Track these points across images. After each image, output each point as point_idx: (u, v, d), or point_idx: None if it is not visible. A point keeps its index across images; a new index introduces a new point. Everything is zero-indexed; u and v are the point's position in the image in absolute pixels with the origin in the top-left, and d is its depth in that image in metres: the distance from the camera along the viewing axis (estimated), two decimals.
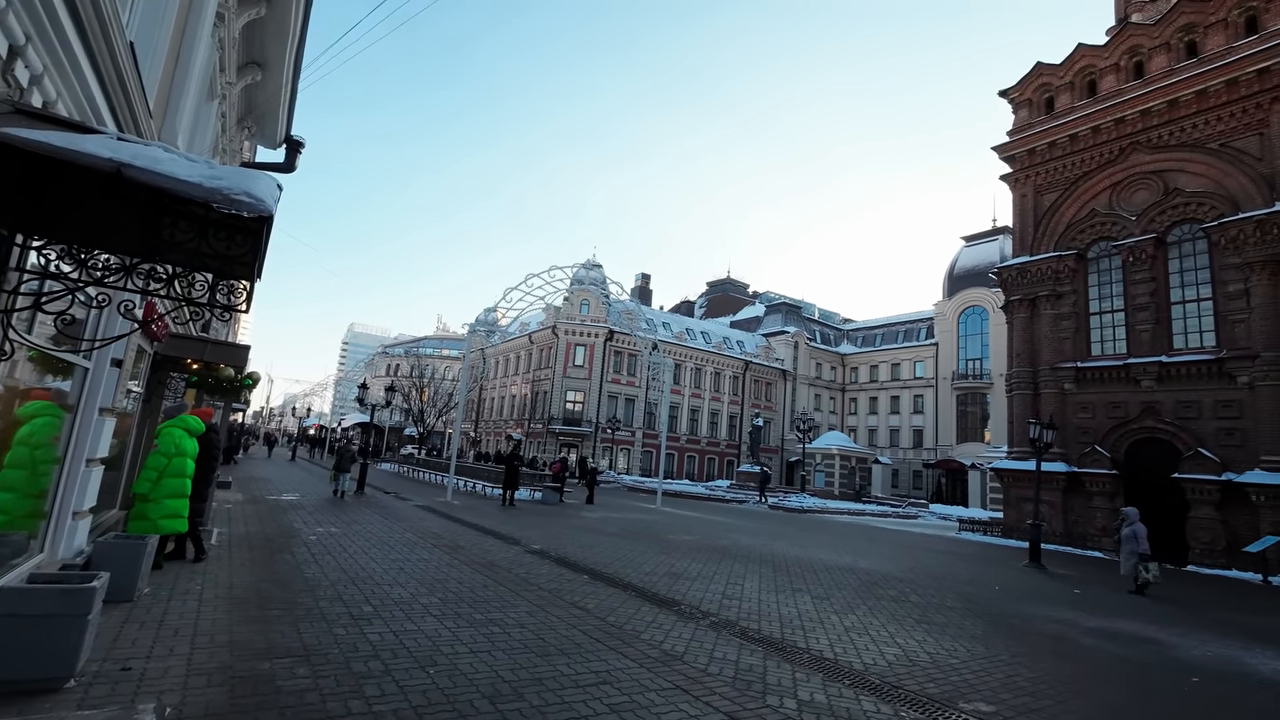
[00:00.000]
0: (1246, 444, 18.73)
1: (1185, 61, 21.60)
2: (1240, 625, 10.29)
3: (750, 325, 72.69)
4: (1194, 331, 20.77)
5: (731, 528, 19.69)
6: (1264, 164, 19.52)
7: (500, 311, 27.88)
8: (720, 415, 60.34)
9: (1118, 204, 22.83)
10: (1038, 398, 23.79)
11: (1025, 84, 25.97)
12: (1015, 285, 25.07)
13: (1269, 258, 18.76)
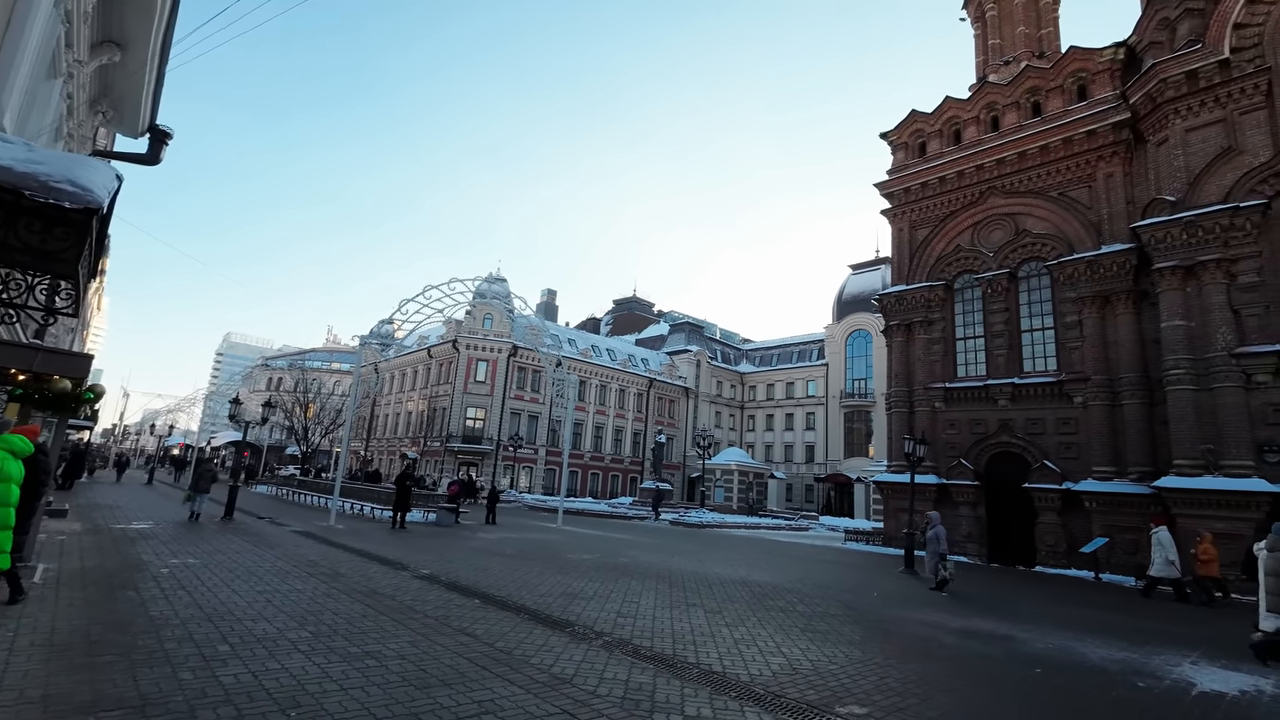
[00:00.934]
0: (1081, 456, 21.25)
1: (1031, 119, 24.57)
2: (1076, 619, 11.55)
3: (655, 343, 73.92)
4: (1040, 356, 23.40)
5: (631, 545, 19.72)
6: (1093, 212, 22.51)
7: (396, 324, 26.62)
8: (624, 432, 60.64)
9: (978, 241, 25.44)
10: (913, 415, 25.80)
11: (902, 128, 28.48)
12: (893, 311, 27.19)
13: (1097, 293, 21.55)
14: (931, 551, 14.41)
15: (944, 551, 14.20)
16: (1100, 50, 22.97)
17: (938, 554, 14.19)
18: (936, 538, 14.35)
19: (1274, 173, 17.99)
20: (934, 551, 14.32)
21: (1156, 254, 19.45)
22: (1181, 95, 19.82)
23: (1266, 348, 17.29)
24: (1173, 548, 15.80)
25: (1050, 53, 27.28)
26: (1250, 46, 18.94)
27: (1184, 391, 18.38)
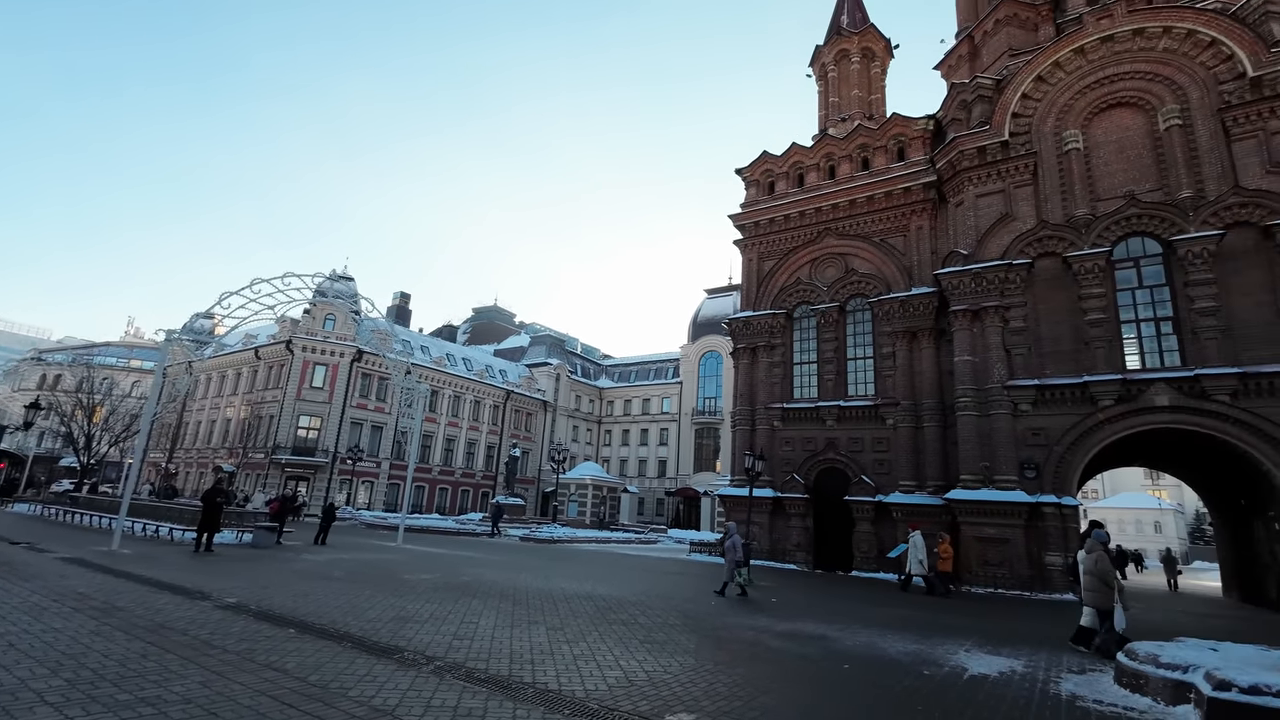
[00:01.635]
0: (891, 472, 24.07)
1: (861, 172, 27.75)
2: (880, 617, 12.98)
3: (515, 355, 72.52)
4: (862, 382, 26.24)
5: (477, 562, 18.99)
6: (906, 258, 25.83)
7: (216, 319, 23.62)
8: (477, 445, 58.56)
9: (815, 276, 28.09)
10: (754, 433, 27.67)
11: (754, 167, 30.80)
12: (741, 335, 29.09)
13: (907, 329, 24.69)
14: (729, 560, 14.88)
15: (740, 560, 14.71)
16: (915, 120, 26.61)
17: (734, 561, 14.71)
18: (734, 546, 14.83)
19: (1037, 238, 21.88)
20: (731, 560, 14.81)
21: (952, 298, 22.74)
22: (974, 166, 23.51)
23: (1028, 381, 20.86)
24: (923, 549, 18.52)
25: (878, 115, 31.10)
26: (1024, 133, 22.99)
27: (969, 416, 21.57)
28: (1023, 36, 25.17)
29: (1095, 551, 10.52)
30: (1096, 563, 10.41)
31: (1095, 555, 10.47)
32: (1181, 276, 19.49)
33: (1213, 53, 20.07)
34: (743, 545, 15.13)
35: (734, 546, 14.84)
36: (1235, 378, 17.92)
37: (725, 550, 15.18)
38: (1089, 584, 10.41)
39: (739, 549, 14.83)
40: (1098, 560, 10.41)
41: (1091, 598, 10.36)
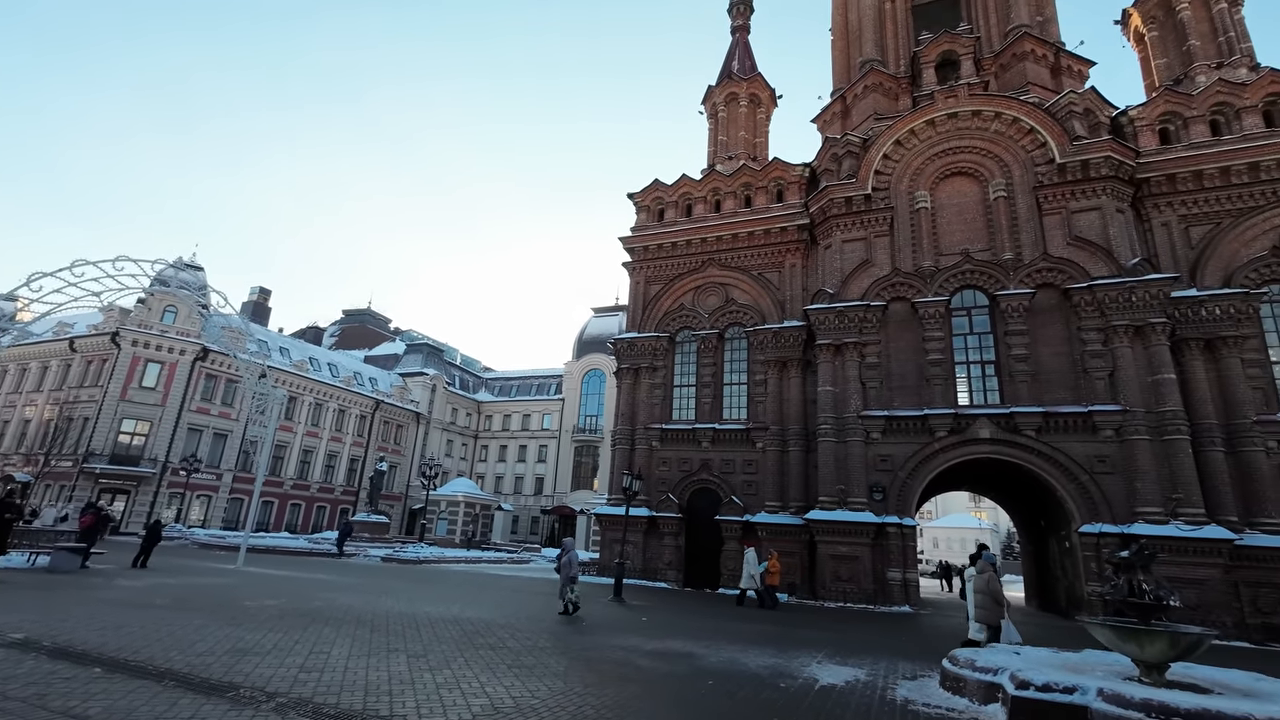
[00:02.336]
0: (759, 493, 25.42)
1: (744, 209, 29.48)
2: (742, 633, 13.59)
3: (387, 362, 68.45)
4: (736, 406, 27.58)
5: (331, 586, 17.54)
6: (780, 292, 27.68)
7: (21, 303, 20.39)
8: (339, 458, 54.37)
9: (698, 303, 29.29)
10: (633, 452, 28.10)
11: (646, 193, 31.72)
12: (625, 356, 29.57)
13: (778, 359, 26.37)
14: (564, 576, 14.61)
15: (574, 576, 14.53)
16: (794, 166, 28.80)
17: (568, 578, 14.48)
18: (569, 563, 14.59)
19: (891, 283, 24.36)
20: (565, 576, 14.56)
21: (819, 332, 24.65)
22: (841, 214, 25.81)
23: (879, 412, 23.02)
24: (754, 564, 19.88)
25: (761, 157, 33.27)
26: (884, 188, 25.62)
27: (828, 443, 23.37)
28: (886, 103, 28.19)
29: (986, 571, 10.98)
30: (988, 582, 10.94)
31: (986, 575, 10.94)
32: (1002, 326, 22.56)
33: (1031, 139, 23.66)
34: (577, 563, 14.91)
35: (569, 564, 14.59)
36: (1040, 416, 20.94)
37: (561, 567, 14.87)
38: (980, 601, 10.87)
39: (574, 566, 14.61)
40: (989, 580, 11.00)
41: (982, 614, 10.84)
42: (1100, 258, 21.56)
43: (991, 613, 10.88)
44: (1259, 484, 19.06)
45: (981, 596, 10.98)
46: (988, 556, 11.72)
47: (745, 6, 37.47)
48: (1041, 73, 25.98)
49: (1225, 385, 20.18)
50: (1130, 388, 20.16)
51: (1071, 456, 20.48)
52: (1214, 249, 21.46)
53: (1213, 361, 20.50)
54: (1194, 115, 22.67)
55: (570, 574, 14.50)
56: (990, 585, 11.02)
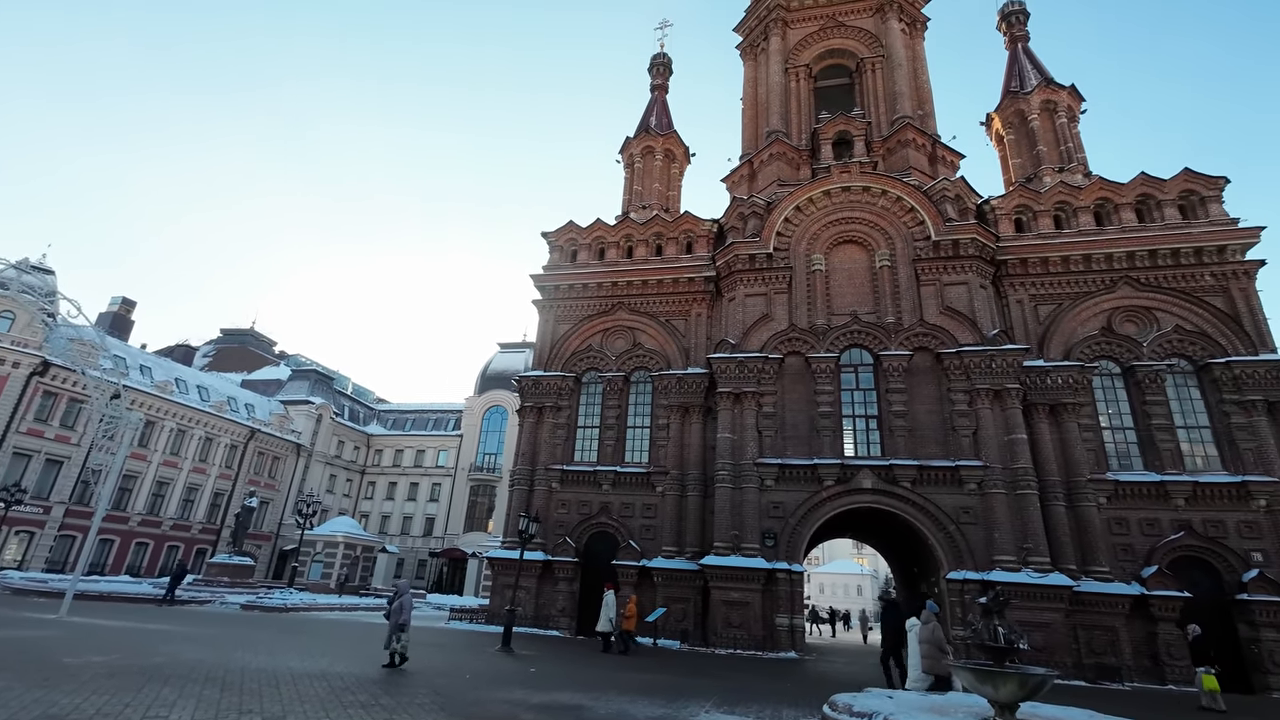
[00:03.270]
0: (657, 538, 25.47)
1: (655, 257, 30.38)
2: (632, 683, 13.36)
3: (268, 388, 63.27)
4: (639, 450, 27.74)
5: (178, 638, 15.56)
6: (686, 339, 28.52)
7: None
8: (201, 491, 49.04)
9: (606, 345, 29.54)
10: (532, 493, 27.43)
11: (560, 234, 31.99)
12: (530, 394, 29.12)
13: (681, 404, 26.95)
14: (392, 623, 13.30)
15: (405, 622, 13.31)
16: (703, 221, 30.19)
17: (397, 625, 13.21)
18: (401, 608, 13.36)
19: (787, 338, 25.79)
20: (394, 623, 13.27)
21: (720, 381, 25.51)
22: (745, 270, 27.21)
23: (773, 460, 23.96)
24: (613, 608, 20.10)
25: (673, 210, 34.62)
26: (785, 249, 27.34)
27: (725, 488, 23.96)
28: (789, 171, 30.40)
29: (930, 621, 11.04)
30: (933, 632, 11.14)
31: (931, 625, 11.03)
32: (884, 384, 24.39)
33: (912, 216, 26.26)
34: (410, 609, 13.67)
35: (401, 608, 13.36)
36: (915, 469, 22.63)
37: (391, 612, 13.45)
38: (926, 651, 10.90)
39: (405, 611, 13.37)
40: (934, 630, 11.18)
41: (929, 664, 10.85)
42: (967, 327, 24.01)
43: (937, 663, 10.93)
44: (1092, 535, 21.47)
45: (927, 646, 11.04)
46: (931, 607, 11.80)
47: (664, 69, 39.51)
48: (921, 159, 29.09)
49: (1066, 446, 22.79)
50: (990, 445, 22.32)
51: (941, 507, 22.20)
52: (1057, 326, 24.53)
53: (1056, 425, 23.15)
54: (1041, 209, 26.13)
55: (401, 620, 13.19)
56: (934, 635, 11.13)
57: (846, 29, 33.04)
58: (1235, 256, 23.63)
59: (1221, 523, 20.93)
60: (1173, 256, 24.09)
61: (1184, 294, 23.72)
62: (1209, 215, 24.33)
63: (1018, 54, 33.12)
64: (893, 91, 30.50)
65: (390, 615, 13.41)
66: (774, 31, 33.70)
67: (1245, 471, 21.08)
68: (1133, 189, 25.45)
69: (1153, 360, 23.16)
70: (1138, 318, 23.98)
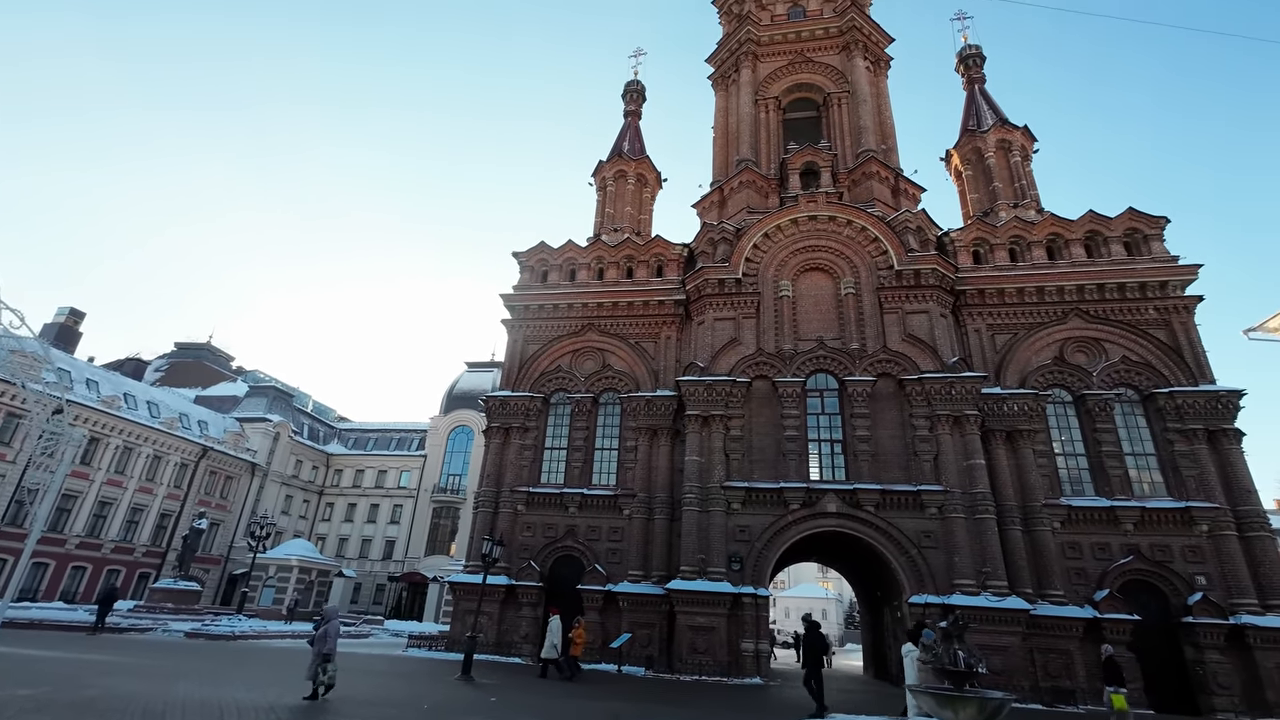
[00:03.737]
0: (623, 561, 25.20)
1: (626, 280, 30.56)
2: (597, 712, 13.09)
3: (224, 405, 61.14)
4: (607, 472, 27.55)
5: (115, 669, 14.71)
6: (655, 362, 28.62)
7: None
8: (147, 512, 46.81)
9: (575, 366, 29.45)
10: (497, 515, 26.94)
11: (530, 254, 31.98)
12: (497, 414, 28.76)
13: (650, 426, 26.92)
14: (316, 651, 12.33)
15: (330, 651, 12.33)
16: (674, 245, 30.55)
17: (321, 654, 12.24)
18: (325, 635, 12.39)
19: (755, 362, 26.11)
20: (318, 651, 12.29)
21: (688, 403, 25.62)
22: (714, 294, 27.55)
23: (740, 484, 24.06)
24: (558, 633, 19.74)
25: (645, 233, 34.96)
26: (753, 275, 27.79)
27: (692, 512, 23.92)
28: (758, 199, 31.07)
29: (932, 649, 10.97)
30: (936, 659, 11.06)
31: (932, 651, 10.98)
32: (849, 409, 24.82)
33: (876, 246, 27.03)
34: (337, 636, 12.67)
35: (325, 636, 12.35)
36: (878, 493, 22.97)
37: (315, 639, 12.50)
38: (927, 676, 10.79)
39: (331, 639, 12.36)
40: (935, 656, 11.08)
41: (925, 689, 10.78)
42: (928, 354, 24.67)
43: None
44: (1047, 559, 22.03)
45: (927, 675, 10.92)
46: (928, 635, 11.75)
47: (638, 95, 40.19)
48: (885, 191, 30.07)
49: (1022, 472, 23.44)
50: (950, 470, 22.82)
51: (903, 531, 22.53)
52: (1013, 354, 25.39)
53: (1012, 451, 23.82)
54: (998, 243, 27.18)
55: (326, 648, 12.23)
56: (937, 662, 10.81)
57: (814, 65, 34.20)
58: (1176, 292, 24.90)
59: (1168, 547, 21.71)
60: (1119, 291, 25.26)
61: (1130, 326, 24.84)
62: (1151, 252, 25.65)
63: (975, 95, 34.69)
64: (858, 126, 31.57)
65: (314, 643, 12.47)
66: (744, 64, 34.67)
67: (1188, 497, 21.96)
68: (1081, 225, 26.70)
69: (1102, 389, 24.11)
70: (1087, 348, 24.99)
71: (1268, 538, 21.37)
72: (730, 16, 37.59)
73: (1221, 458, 22.34)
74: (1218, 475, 22.08)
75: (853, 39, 33.56)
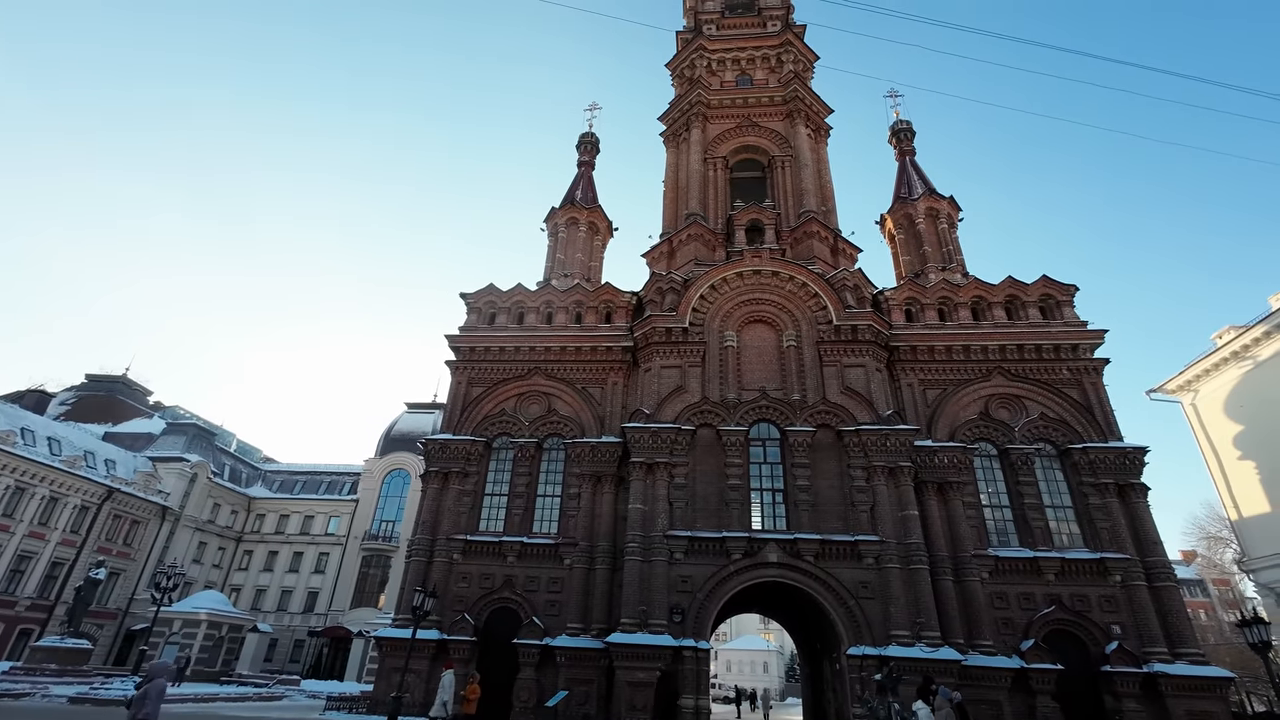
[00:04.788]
0: (562, 614, 24.40)
1: (574, 325, 30.67)
2: None
3: (137, 443, 57.05)
4: (548, 520, 26.91)
5: None
6: (602, 408, 28.55)
7: None
8: (36, 561, 42.57)
9: (519, 410, 29.03)
10: (431, 565, 25.76)
11: (479, 296, 31.76)
12: (436, 457, 27.86)
13: (594, 473, 26.62)
14: (132, 715, 10.53)
15: (148, 715, 10.59)
16: (623, 293, 31.00)
17: (138, 718, 10.47)
18: (144, 697, 10.66)
19: (700, 410, 26.41)
20: (135, 716, 10.48)
21: (634, 450, 25.54)
22: (662, 342, 27.95)
23: (683, 533, 23.93)
24: (450, 690, 19.04)
25: (595, 280, 35.37)
26: (700, 325, 28.40)
27: (634, 561, 23.53)
28: (705, 251, 32.04)
29: (943, 709, 10.80)
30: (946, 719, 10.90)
31: (944, 712, 10.79)
32: (790, 458, 25.29)
33: (816, 301, 28.18)
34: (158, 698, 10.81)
35: (144, 698, 10.60)
36: (818, 543, 23.27)
37: (132, 701, 10.83)
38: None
39: (149, 703, 10.57)
40: (947, 716, 10.90)
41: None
42: (865, 407, 25.58)
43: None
44: (977, 609, 22.65)
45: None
46: (944, 693, 11.42)
47: (592, 146, 41.32)
48: (824, 250, 31.59)
49: (952, 523, 24.27)
50: (886, 521, 23.40)
51: (841, 582, 22.79)
52: (943, 409, 26.62)
53: (943, 502, 24.69)
54: (928, 303, 28.82)
55: (143, 713, 10.42)
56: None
57: (760, 129, 36.10)
58: (1086, 354, 26.87)
59: (1086, 597, 22.72)
60: (1035, 352, 27.06)
61: (1046, 385, 26.55)
62: (1064, 317, 27.72)
63: (906, 166, 37.30)
64: (800, 188, 33.30)
65: (131, 705, 10.59)
66: (695, 124, 36.26)
67: (1103, 549, 23.19)
68: (1002, 290, 28.69)
69: (1023, 444, 25.49)
70: (1010, 405, 26.49)
71: (1174, 587, 22.72)
72: (683, 80, 39.46)
73: (1131, 511, 23.80)
74: (1128, 528, 23.47)
75: (795, 108, 35.72)
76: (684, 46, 40.51)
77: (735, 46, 38.75)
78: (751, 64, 38.44)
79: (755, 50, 38.52)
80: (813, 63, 39.31)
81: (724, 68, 38.60)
